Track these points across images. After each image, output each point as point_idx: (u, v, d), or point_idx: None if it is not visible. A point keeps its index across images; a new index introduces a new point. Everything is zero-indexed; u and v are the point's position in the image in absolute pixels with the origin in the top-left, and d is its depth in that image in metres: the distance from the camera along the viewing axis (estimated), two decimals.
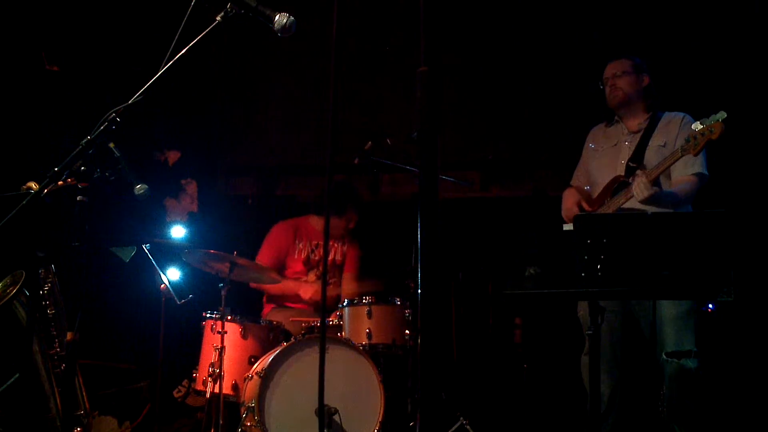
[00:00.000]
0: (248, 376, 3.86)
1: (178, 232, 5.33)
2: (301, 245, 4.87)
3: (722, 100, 4.34)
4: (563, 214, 3.91)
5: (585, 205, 3.81)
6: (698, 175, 3.62)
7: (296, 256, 4.86)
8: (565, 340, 4.26)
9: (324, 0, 2.03)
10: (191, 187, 5.95)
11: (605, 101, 3.91)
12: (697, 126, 3.38)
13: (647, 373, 3.78)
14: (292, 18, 2.33)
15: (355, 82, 5.56)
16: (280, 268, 4.83)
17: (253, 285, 4.83)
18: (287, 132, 5.86)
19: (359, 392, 3.77)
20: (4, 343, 3.47)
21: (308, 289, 4.70)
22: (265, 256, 4.83)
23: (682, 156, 3.44)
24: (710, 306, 4.43)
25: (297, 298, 4.76)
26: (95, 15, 5.21)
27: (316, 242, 4.89)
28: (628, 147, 3.79)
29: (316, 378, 2.03)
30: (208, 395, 3.98)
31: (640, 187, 3.48)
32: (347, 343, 3.92)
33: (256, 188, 6.00)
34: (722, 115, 3.33)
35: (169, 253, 4.51)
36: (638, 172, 3.59)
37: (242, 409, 3.82)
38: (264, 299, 4.93)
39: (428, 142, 1.74)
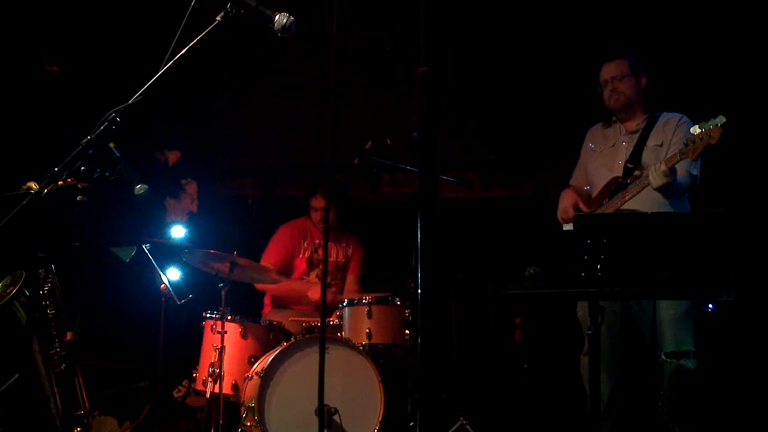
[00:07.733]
0: (248, 376, 3.86)
1: (178, 232, 5.33)
2: (305, 244, 4.88)
3: (722, 100, 4.34)
4: (558, 215, 3.90)
5: (582, 206, 3.80)
6: (691, 175, 3.62)
7: (301, 256, 4.87)
8: (565, 340, 4.26)
9: (324, 0, 2.04)
10: (191, 187, 5.95)
11: (602, 102, 3.89)
12: (696, 130, 3.33)
13: (647, 373, 3.78)
14: (292, 18, 2.33)
15: (356, 81, 5.56)
16: (287, 268, 4.83)
17: (259, 286, 4.83)
18: (287, 132, 5.85)
19: (359, 392, 3.78)
20: (4, 343, 3.47)
21: (318, 290, 4.70)
22: (272, 256, 4.83)
23: (681, 160, 3.42)
24: (710, 306, 4.42)
25: (304, 300, 4.76)
26: (95, 15, 5.21)
27: (318, 242, 4.89)
28: (625, 147, 3.78)
29: (316, 378, 2.03)
30: (208, 395, 3.98)
31: (657, 174, 3.45)
32: (347, 343, 3.92)
33: (256, 188, 6.00)
34: (721, 119, 3.28)
35: (169, 253, 4.51)
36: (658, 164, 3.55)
37: (242, 409, 3.82)
38: (266, 299, 4.93)
39: (428, 142, 1.74)
